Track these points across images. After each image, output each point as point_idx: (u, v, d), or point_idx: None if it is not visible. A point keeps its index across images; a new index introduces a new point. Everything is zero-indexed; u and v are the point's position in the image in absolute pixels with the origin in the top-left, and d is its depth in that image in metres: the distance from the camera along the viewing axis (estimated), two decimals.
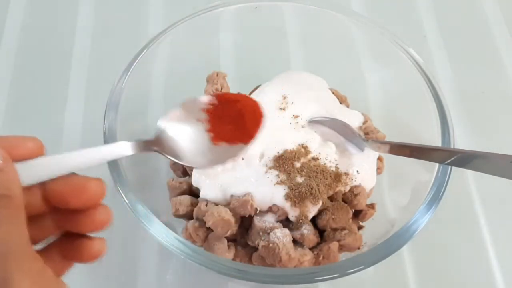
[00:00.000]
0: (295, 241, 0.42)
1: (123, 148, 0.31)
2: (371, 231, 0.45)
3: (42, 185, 0.25)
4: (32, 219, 0.25)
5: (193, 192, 0.46)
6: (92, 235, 0.28)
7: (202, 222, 0.42)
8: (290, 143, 0.45)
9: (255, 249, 0.42)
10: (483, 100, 0.62)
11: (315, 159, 0.44)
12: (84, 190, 0.25)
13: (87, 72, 0.62)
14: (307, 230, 0.42)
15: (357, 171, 0.45)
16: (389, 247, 0.38)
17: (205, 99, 0.41)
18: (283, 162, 0.43)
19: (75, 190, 0.25)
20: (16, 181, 0.23)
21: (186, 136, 0.36)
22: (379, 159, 0.48)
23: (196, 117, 0.38)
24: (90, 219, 0.27)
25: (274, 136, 0.45)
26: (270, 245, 0.40)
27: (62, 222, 0.27)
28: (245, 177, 0.43)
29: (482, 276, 0.50)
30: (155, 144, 0.34)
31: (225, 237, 0.42)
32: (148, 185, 0.46)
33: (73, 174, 0.26)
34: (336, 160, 0.45)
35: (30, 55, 0.64)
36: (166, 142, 0.35)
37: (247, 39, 0.55)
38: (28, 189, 0.24)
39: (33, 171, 0.24)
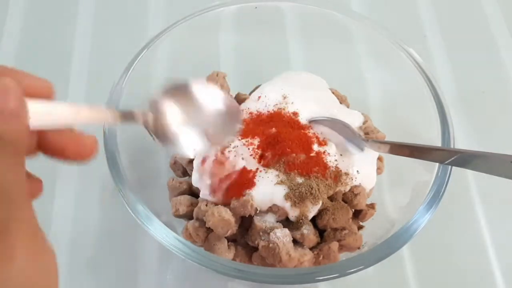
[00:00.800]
0: (295, 241, 0.42)
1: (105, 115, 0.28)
2: (371, 231, 0.45)
3: (41, 132, 0.25)
4: None
5: (193, 192, 0.46)
6: None
7: (202, 222, 0.42)
8: None
9: (255, 249, 0.42)
10: (483, 100, 0.62)
11: None
12: (81, 142, 0.26)
13: (87, 72, 0.62)
14: (307, 230, 0.42)
15: (357, 171, 0.45)
16: (389, 247, 0.38)
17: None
18: (282, 162, 0.43)
19: (72, 142, 0.26)
20: (26, 128, 0.22)
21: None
22: (379, 159, 0.48)
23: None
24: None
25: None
26: (270, 245, 0.40)
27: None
28: None
29: (482, 276, 0.50)
30: (142, 118, 0.30)
31: (225, 237, 0.42)
32: (148, 185, 0.46)
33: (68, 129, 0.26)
34: (336, 160, 0.45)
35: (30, 55, 0.64)
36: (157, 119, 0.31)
37: (247, 39, 0.55)
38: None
39: (42, 116, 0.24)
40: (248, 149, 0.44)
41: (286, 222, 0.43)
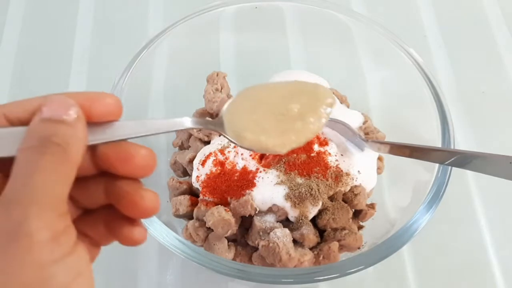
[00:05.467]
0: (295, 241, 0.42)
1: (185, 122, 0.29)
2: (371, 231, 0.45)
3: (92, 147, 0.25)
4: (83, 183, 0.25)
5: (193, 192, 0.46)
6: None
7: (202, 222, 0.42)
8: None
9: (255, 249, 0.42)
10: (483, 100, 0.62)
11: None
12: (132, 157, 0.25)
13: (87, 72, 0.62)
14: (307, 230, 0.42)
15: (358, 171, 0.45)
16: (389, 247, 0.38)
17: None
18: (283, 162, 0.43)
19: (123, 156, 0.25)
20: (80, 140, 0.23)
21: None
22: (379, 159, 0.48)
23: None
24: (135, 201, 0.26)
25: None
26: (270, 244, 0.40)
27: (110, 195, 0.26)
28: None
29: (482, 276, 0.50)
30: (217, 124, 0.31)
31: (225, 237, 0.42)
32: (148, 185, 0.46)
33: (125, 141, 0.26)
34: (337, 160, 0.45)
35: (30, 55, 0.64)
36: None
37: (247, 39, 0.55)
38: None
39: (96, 134, 0.25)
40: None
41: (286, 222, 0.43)
